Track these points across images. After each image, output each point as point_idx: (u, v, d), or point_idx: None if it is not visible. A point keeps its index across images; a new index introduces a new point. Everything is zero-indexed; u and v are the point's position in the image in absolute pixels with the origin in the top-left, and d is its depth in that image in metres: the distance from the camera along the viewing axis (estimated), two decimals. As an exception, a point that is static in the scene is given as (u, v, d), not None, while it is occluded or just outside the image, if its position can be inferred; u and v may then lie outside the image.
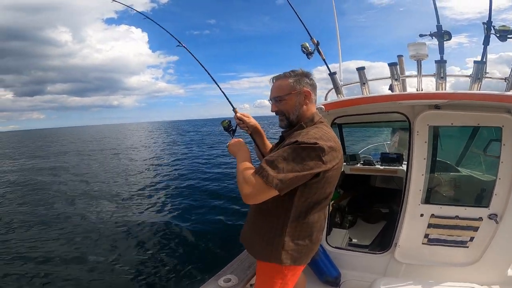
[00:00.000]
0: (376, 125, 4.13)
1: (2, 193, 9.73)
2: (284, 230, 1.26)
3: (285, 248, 1.26)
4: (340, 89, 2.13)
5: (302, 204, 1.24)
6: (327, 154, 1.15)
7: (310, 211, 1.26)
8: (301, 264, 1.35)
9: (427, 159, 2.03)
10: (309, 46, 1.96)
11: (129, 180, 11.13)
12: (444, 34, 1.65)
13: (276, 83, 1.34)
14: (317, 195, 1.24)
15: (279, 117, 1.35)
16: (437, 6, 1.67)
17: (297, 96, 1.29)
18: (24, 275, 4.18)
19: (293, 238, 1.27)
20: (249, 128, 1.56)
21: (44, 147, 31.70)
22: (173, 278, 3.96)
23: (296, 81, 1.29)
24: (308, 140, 1.14)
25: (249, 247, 1.45)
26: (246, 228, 1.47)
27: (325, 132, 1.22)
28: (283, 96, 1.30)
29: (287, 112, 1.31)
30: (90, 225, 6.08)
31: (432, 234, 2.06)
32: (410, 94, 1.90)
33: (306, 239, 1.30)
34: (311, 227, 1.29)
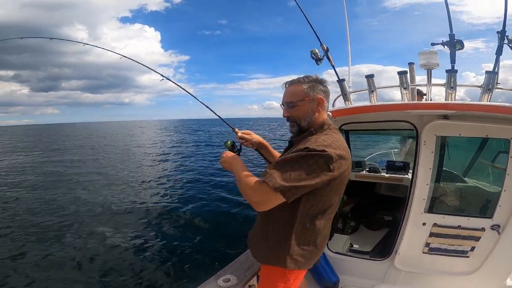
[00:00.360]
0: (383, 132, 4.10)
1: (21, 182, 10.07)
2: (290, 235, 1.26)
3: (290, 253, 1.27)
4: (348, 96, 2.12)
5: (308, 211, 1.24)
6: (335, 162, 1.14)
7: (316, 218, 1.26)
8: (304, 268, 1.35)
9: (432, 169, 2.02)
10: (319, 52, 1.96)
11: (138, 174, 11.44)
12: (456, 44, 1.63)
13: (289, 88, 1.33)
14: (322, 202, 1.24)
15: (290, 123, 1.35)
16: (453, 11, 1.65)
17: (310, 103, 1.29)
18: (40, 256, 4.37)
19: (298, 243, 1.27)
20: (254, 144, 1.63)
21: (59, 141, 32.87)
22: (173, 275, 4.00)
23: (310, 88, 1.29)
24: (316, 147, 1.14)
25: (254, 251, 1.45)
26: (253, 232, 1.48)
27: (334, 139, 1.22)
28: (296, 102, 1.29)
29: (298, 118, 1.31)
30: (94, 217, 6.30)
31: (433, 243, 2.06)
32: (418, 103, 1.89)
33: (311, 244, 1.30)
34: (316, 233, 1.30)
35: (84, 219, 6.35)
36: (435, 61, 1.70)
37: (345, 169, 1.21)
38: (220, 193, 8.10)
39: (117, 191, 8.79)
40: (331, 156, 1.13)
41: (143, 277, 3.96)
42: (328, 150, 1.13)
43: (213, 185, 9.07)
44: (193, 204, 7.18)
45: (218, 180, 9.55)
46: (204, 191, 8.48)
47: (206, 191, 8.47)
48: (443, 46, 1.67)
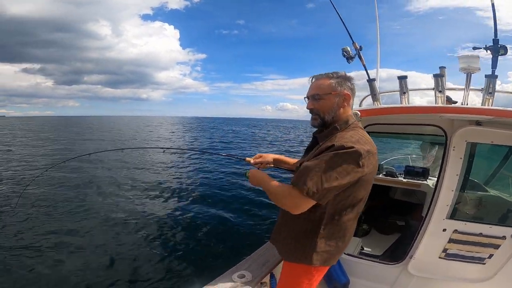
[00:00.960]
0: (404, 136, 4.03)
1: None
2: (318, 232, 1.26)
3: (316, 250, 1.27)
4: (378, 97, 2.08)
5: (336, 207, 1.23)
6: (364, 158, 1.13)
7: (344, 214, 1.26)
8: (329, 265, 1.35)
9: (459, 176, 1.98)
10: (350, 50, 1.91)
11: (155, 168, 11.61)
12: (500, 49, 1.57)
13: (316, 82, 1.33)
14: (351, 198, 1.23)
15: (312, 115, 1.34)
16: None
17: (336, 97, 1.28)
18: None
19: (326, 240, 1.28)
20: (269, 163, 1.75)
21: (81, 133, 33.45)
22: (189, 268, 4.06)
23: (338, 83, 1.28)
24: (345, 144, 1.12)
25: (280, 249, 1.44)
26: (278, 230, 1.47)
27: (361, 135, 1.21)
28: (322, 94, 1.28)
29: (322, 111, 1.30)
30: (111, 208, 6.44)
31: (451, 249, 2.04)
32: (454, 107, 1.83)
33: (338, 241, 1.31)
34: (344, 229, 1.30)
35: (106, 209, 6.51)
36: (477, 65, 1.65)
37: (374, 164, 1.21)
38: (237, 190, 8.17)
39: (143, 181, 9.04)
40: (360, 152, 1.11)
41: (157, 271, 4.02)
42: (356, 147, 1.12)
43: (231, 182, 9.14)
44: (210, 200, 7.25)
45: (236, 178, 9.62)
46: (221, 187, 8.57)
47: (224, 188, 8.55)
48: (486, 50, 1.61)
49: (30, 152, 16.28)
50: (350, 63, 1.92)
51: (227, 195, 7.76)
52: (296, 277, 1.36)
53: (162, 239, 5.02)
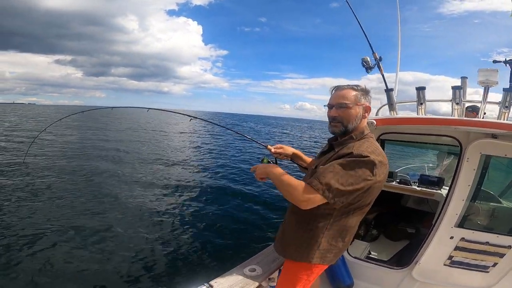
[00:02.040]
0: (421, 145, 4.00)
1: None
2: (323, 232, 1.34)
3: (319, 249, 1.35)
4: (394, 106, 2.11)
5: (343, 210, 1.30)
6: (377, 168, 1.21)
7: (351, 216, 1.34)
8: (328, 263, 1.42)
9: (471, 186, 2.01)
10: (370, 60, 1.96)
11: (173, 157, 12.28)
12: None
13: (342, 91, 1.38)
14: (358, 203, 1.30)
15: (333, 123, 1.39)
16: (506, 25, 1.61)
17: (359, 109, 1.35)
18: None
19: (329, 240, 1.35)
20: (288, 156, 1.74)
21: (115, 123, 35.51)
22: (200, 263, 4.19)
23: (362, 95, 1.37)
24: (362, 153, 1.20)
25: (283, 248, 1.51)
26: (283, 229, 1.54)
27: (376, 147, 1.28)
28: (348, 104, 1.34)
29: (347, 120, 1.35)
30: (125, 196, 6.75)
31: (456, 256, 2.06)
32: (468, 120, 1.85)
33: (340, 241, 1.38)
34: (347, 230, 1.37)
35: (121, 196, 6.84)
36: (495, 79, 1.67)
37: (385, 174, 1.28)
38: (249, 188, 8.32)
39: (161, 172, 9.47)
40: (375, 162, 1.19)
41: (172, 264, 4.17)
42: (372, 157, 1.19)
43: (245, 181, 9.26)
44: (224, 198, 7.40)
45: (250, 177, 9.75)
46: (238, 181, 8.81)
47: (239, 182, 8.79)
48: (506, 64, 1.63)
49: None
50: (369, 73, 1.97)
51: (242, 191, 7.95)
52: (296, 273, 1.44)
53: (177, 232, 5.19)
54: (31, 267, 3.85)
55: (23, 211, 5.72)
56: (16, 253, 4.16)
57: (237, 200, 7.18)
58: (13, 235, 4.66)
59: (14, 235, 4.69)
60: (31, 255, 4.15)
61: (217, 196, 7.40)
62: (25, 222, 5.21)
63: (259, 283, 1.70)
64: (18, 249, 4.28)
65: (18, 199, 6.40)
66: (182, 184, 8.44)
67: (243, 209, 6.52)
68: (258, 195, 7.58)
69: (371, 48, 1.94)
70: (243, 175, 9.88)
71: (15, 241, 4.48)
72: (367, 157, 1.19)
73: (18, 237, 4.61)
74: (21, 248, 4.30)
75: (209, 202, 6.89)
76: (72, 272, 3.84)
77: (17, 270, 3.78)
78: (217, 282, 1.60)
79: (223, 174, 10.11)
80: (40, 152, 11.93)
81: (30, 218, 5.38)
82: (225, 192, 7.79)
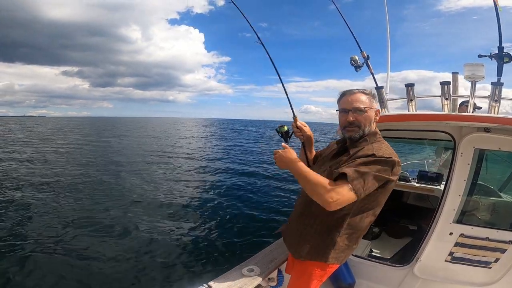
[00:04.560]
0: (417, 142, 4.01)
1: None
2: (338, 232, 1.35)
3: (335, 248, 1.36)
4: (385, 104, 2.13)
5: (360, 209, 1.32)
6: (395, 168, 1.25)
7: (366, 216, 1.35)
8: (342, 263, 1.43)
9: (467, 181, 2.01)
10: (358, 59, 1.99)
11: (178, 163, 12.82)
12: (504, 56, 1.61)
13: (355, 95, 1.37)
14: (374, 202, 1.33)
15: (349, 127, 1.37)
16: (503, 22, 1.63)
17: (372, 112, 1.38)
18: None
19: (343, 240, 1.36)
20: (305, 137, 1.61)
21: (128, 132, 37.64)
22: (199, 264, 4.23)
23: (374, 100, 1.41)
24: (384, 154, 1.24)
25: (296, 248, 1.48)
26: (294, 230, 1.52)
27: (391, 149, 1.32)
28: (365, 108, 1.35)
29: (364, 124, 1.35)
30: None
31: (457, 252, 2.06)
32: (458, 115, 1.87)
33: (353, 241, 1.40)
34: (361, 230, 1.39)
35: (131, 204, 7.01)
36: (481, 74, 1.68)
37: (400, 173, 1.32)
38: (246, 188, 8.45)
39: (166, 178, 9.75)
40: (395, 162, 1.25)
41: (171, 265, 4.21)
42: (393, 157, 1.25)
43: (243, 182, 9.43)
44: (224, 197, 7.55)
45: (251, 177, 10.01)
46: (234, 186, 8.87)
47: (236, 186, 8.84)
48: (491, 58, 1.65)
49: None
50: (358, 71, 2.00)
51: (240, 191, 8.11)
52: (310, 273, 1.43)
53: (175, 234, 5.24)
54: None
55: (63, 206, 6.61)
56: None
57: (235, 201, 7.26)
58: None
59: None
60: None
61: (215, 198, 7.48)
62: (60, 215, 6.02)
63: (258, 283, 1.71)
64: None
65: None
66: (180, 191, 8.53)
67: (240, 210, 6.58)
68: (255, 196, 7.66)
69: (359, 47, 1.97)
70: (242, 176, 10.09)
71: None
72: (389, 158, 1.23)
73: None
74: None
75: (206, 205, 6.96)
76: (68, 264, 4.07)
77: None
78: (216, 283, 1.60)
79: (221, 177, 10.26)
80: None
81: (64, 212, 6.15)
82: (223, 194, 7.89)
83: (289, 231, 1.57)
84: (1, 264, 4.08)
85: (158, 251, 4.55)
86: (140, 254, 4.46)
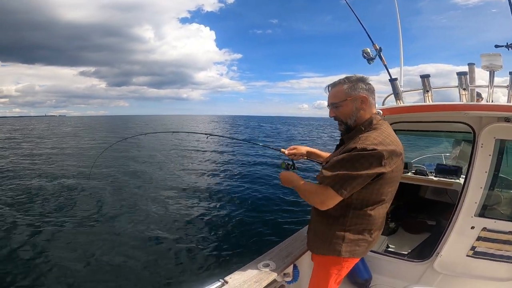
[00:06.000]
0: (434, 134, 3.89)
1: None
2: (344, 225, 1.34)
3: (345, 241, 1.35)
4: (400, 95, 2.10)
5: (361, 202, 1.30)
6: (387, 159, 1.18)
7: (371, 207, 1.32)
8: (358, 256, 1.42)
9: (488, 173, 1.96)
10: (371, 51, 1.96)
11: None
12: (521, 46, 1.55)
13: (332, 90, 1.39)
14: (375, 195, 1.29)
15: (338, 122, 1.41)
16: None
17: (353, 102, 1.32)
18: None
19: (353, 232, 1.35)
20: (303, 155, 1.82)
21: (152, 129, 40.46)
22: (216, 259, 4.32)
23: (351, 88, 1.33)
24: (367, 146, 1.18)
25: (311, 243, 1.54)
26: (309, 226, 1.58)
27: (386, 136, 1.25)
28: (338, 102, 1.35)
29: (344, 117, 1.36)
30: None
31: (479, 247, 2.01)
32: (477, 105, 1.81)
33: (366, 233, 1.37)
34: (371, 222, 1.36)
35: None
36: (499, 63, 1.63)
37: (399, 164, 1.26)
38: (261, 187, 8.47)
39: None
40: (382, 154, 1.16)
41: (188, 260, 4.32)
42: (379, 148, 1.16)
43: (258, 178, 9.52)
44: (236, 198, 7.58)
45: (265, 173, 10.13)
46: (249, 185, 8.91)
47: (251, 186, 8.89)
48: (508, 48, 1.59)
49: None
50: (371, 64, 1.97)
51: (254, 190, 8.13)
52: (327, 268, 1.45)
53: (191, 231, 5.37)
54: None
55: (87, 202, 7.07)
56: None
57: (249, 199, 7.32)
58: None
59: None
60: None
61: (230, 197, 7.57)
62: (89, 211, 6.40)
63: (273, 279, 1.73)
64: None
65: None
66: (197, 186, 8.71)
67: (255, 208, 6.65)
68: (270, 194, 7.69)
69: (370, 39, 1.95)
70: (255, 175, 10.12)
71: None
72: (373, 150, 1.16)
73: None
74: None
75: (222, 203, 7.06)
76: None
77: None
78: (232, 278, 1.63)
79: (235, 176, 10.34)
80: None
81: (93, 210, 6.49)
82: (237, 193, 7.95)
83: (308, 229, 1.61)
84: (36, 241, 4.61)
85: (175, 249, 4.66)
86: (158, 248, 4.61)
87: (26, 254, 4.37)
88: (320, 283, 1.51)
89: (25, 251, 4.47)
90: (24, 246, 4.63)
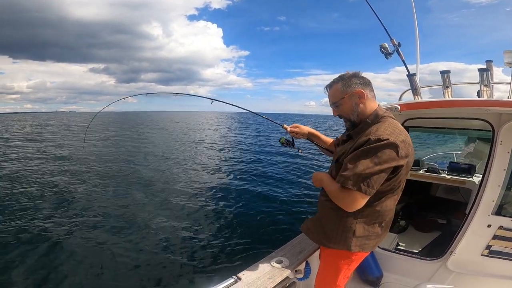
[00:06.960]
0: (447, 131, 3.82)
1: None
2: (356, 218, 1.32)
3: (356, 235, 1.33)
4: (418, 91, 2.05)
5: (374, 195, 1.25)
6: (401, 149, 1.17)
7: (383, 199, 1.31)
8: (368, 250, 1.40)
9: (507, 170, 1.91)
10: (388, 46, 1.92)
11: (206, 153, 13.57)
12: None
13: (330, 91, 1.41)
14: (388, 185, 1.27)
15: (343, 120, 1.41)
16: None
17: (351, 99, 1.33)
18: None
19: (364, 225, 1.33)
20: (304, 135, 1.80)
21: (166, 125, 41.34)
22: (229, 256, 4.33)
23: (345, 85, 1.33)
24: (380, 137, 1.17)
25: (318, 237, 1.50)
26: (316, 219, 1.54)
27: (394, 127, 1.24)
28: (338, 101, 1.36)
29: (346, 114, 1.37)
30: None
31: (495, 245, 1.97)
32: (500, 101, 1.76)
33: (377, 226, 1.35)
34: (382, 214, 1.34)
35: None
36: None
37: (411, 152, 1.24)
38: (273, 183, 8.51)
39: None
40: (396, 144, 1.16)
41: (201, 257, 4.33)
42: (391, 139, 1.16)
43: (269, 175, 9.47)
44: (247, 194, 7.60)
45: (276, 170, 10.11)
46: (259, 180, 8.95)
47: (260, 180, 8.92)
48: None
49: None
50: (389, 59, 1.92)
51: (265, 185, 8.17)
52: (336, 262, 1.44)
53: (204, 229, 5.37)
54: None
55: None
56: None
57: (261, 194, 7.30)
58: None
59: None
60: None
61: (241, 193, 7.56)
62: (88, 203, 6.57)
63: (286, 275, 1.72)
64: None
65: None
66: (210, 182, 8.71)
67: (266, 203, 6.64)
68: (281, 189, 7.68)
69: (388, 35, 1.90)
70: (265, 166, 10.33)
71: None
72: (386, 140, 1.16)
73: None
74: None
75: (233, 199, 7.06)
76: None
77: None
78: (245, 274, 1.62)
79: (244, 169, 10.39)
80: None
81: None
82: (248, 188, 7.94)
83: (313, 221, 1.57)
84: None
85: (189, 245, 4.67)
86: (171, 246, 4.62)
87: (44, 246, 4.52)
88: (329, 277, 1.50)
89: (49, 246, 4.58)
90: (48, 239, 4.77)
